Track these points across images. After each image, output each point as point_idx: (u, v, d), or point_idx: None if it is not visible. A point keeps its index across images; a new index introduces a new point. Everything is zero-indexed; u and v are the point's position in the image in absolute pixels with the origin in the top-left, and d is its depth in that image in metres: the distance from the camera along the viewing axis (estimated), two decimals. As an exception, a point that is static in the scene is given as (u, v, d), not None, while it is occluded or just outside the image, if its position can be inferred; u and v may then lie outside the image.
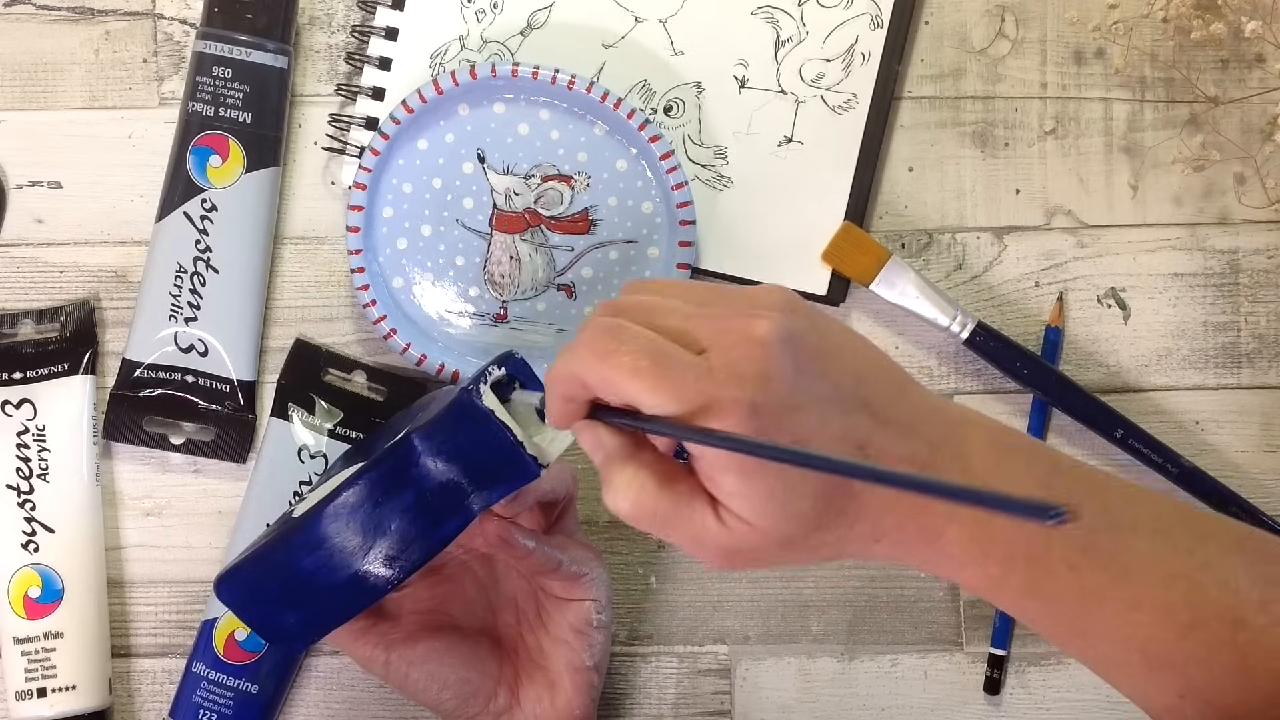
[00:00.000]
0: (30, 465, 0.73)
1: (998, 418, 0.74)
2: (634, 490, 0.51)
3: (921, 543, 0.52)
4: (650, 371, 0.49)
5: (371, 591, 0.61)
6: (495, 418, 0.60)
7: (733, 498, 0.50)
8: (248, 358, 0.75)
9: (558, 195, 0.75)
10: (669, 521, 0.51)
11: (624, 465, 0.52)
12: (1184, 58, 0.77)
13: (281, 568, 0.61)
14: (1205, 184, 0.77)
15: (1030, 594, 0.53)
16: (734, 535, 0.51)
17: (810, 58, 0.75)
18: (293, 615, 0.62)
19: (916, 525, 0.52)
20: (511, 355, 0.62)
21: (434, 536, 0.61)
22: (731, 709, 0.77)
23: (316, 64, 0.77)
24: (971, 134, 0.77)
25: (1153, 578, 0.53)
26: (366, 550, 0.60)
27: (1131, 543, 0.53)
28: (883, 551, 0.53)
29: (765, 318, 0.50)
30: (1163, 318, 0.77)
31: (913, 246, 0.77)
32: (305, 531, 0.61)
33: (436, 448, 0.60)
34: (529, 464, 0.60)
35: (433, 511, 0.60)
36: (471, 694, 0.68)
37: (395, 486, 0.60)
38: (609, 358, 0.50)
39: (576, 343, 0.51)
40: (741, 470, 0.50)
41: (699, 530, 0.51)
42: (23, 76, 0.76)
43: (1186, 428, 0.77)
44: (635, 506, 0.51)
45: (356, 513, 0.60)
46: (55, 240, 0.76)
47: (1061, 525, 0.38)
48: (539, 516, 0.69)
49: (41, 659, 0.72)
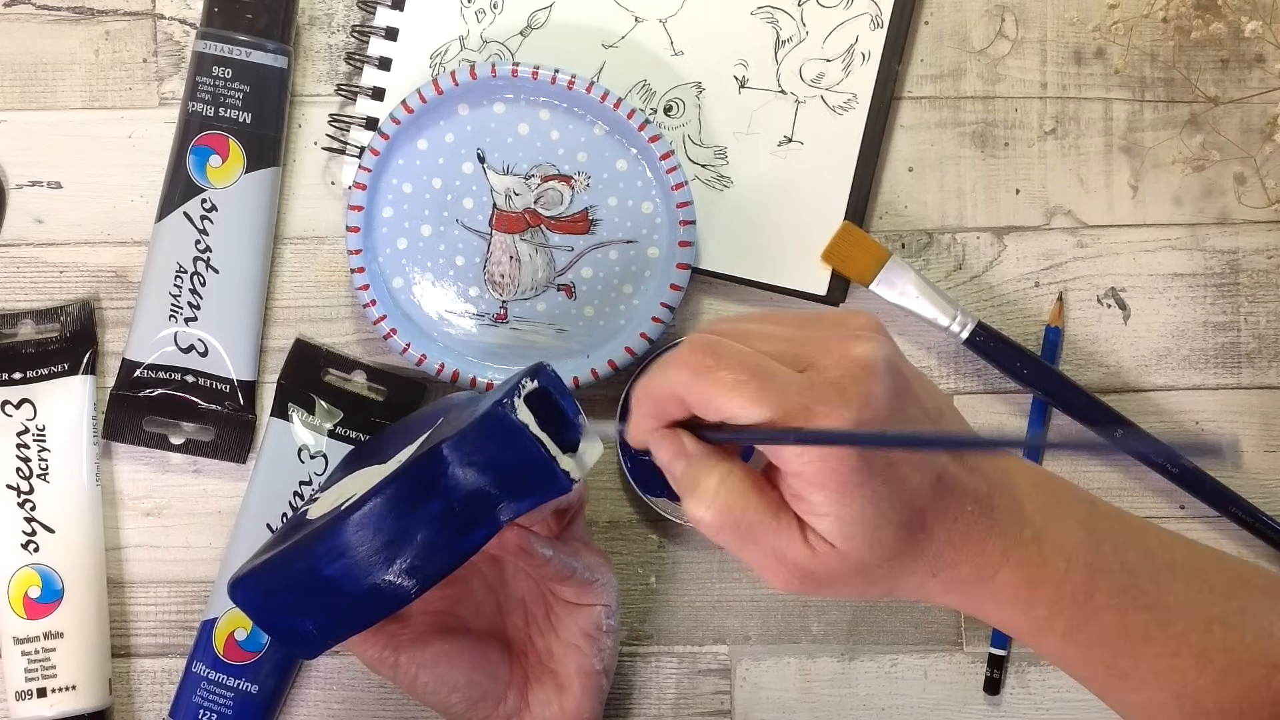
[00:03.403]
0: (30, 465, 0.73)
1: (997, 418, 0.76)
2: (723, 496, 0.51)
3: (975, 582, 0.53)
4: (752, 385, 0.49)
5: (393, 600, 0.60)
6: (529, 432, 0.59)
7: (823, 518, 0.50)
8: (248, 358, 0.75)
9: (558, 195, 0.75)
10: (753, 532, 0.51)
11: (712, 470, 0.51)
12: (1184, 58, 0.77)
13: (303, 574, 0.61)
14: (1205, 184, 0.77)
15: (1072, 637, 0.54)
16: (816, 557, 0.51)
17: (810, 58, 0.75)
18: (311, 621, 0.61)
19: (973, 564, 0.53)
20: (543, 367, 0.62)
21: (460, 547, 0.60)
22: (732, 709, 0.77)
23: (316, 64, 0.77)
24: (971, 134, 0.77)
25: (1191, 621, 0.54)
26: (391, 559, 0.60)
27: (1171, 585, 0.54)
28: (935, 589, 0.53)
29: (865, 340, 0.51)
30: (1162, 318, 0.77)
31: (913, 246, 0.77)
32: (328, 539, 0.60)
33: (467, 459, 0.59)
34: (561, 479, 0.59)
35: (459, 522, 0.60)
36: (481, 697, 0.68)
37: (423, 496, 0.59)
38: (708, 373, 0.50)
39: (672, 359, 0.52)
40: (839, 489, 0.50)
41: (782, 546, 0.51)
42: (23, 76, 0.76)
43: (1186, 428, 0.77)
44: (722, 513, 0.51)
45: (383, 521, 0.60)
46: (55, 240, 0.76)
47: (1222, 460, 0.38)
48: (551, 523, 0.69)
49: (41, 659, 0.72)
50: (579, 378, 0.74)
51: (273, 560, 0.62)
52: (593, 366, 0.74)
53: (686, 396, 0.51)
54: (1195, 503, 0.76)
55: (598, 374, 0.74)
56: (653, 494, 0.75)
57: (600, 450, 0.61)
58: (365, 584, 0.60)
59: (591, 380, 0.74)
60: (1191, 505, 0.77)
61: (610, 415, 0.76)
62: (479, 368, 0.75)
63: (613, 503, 0.77)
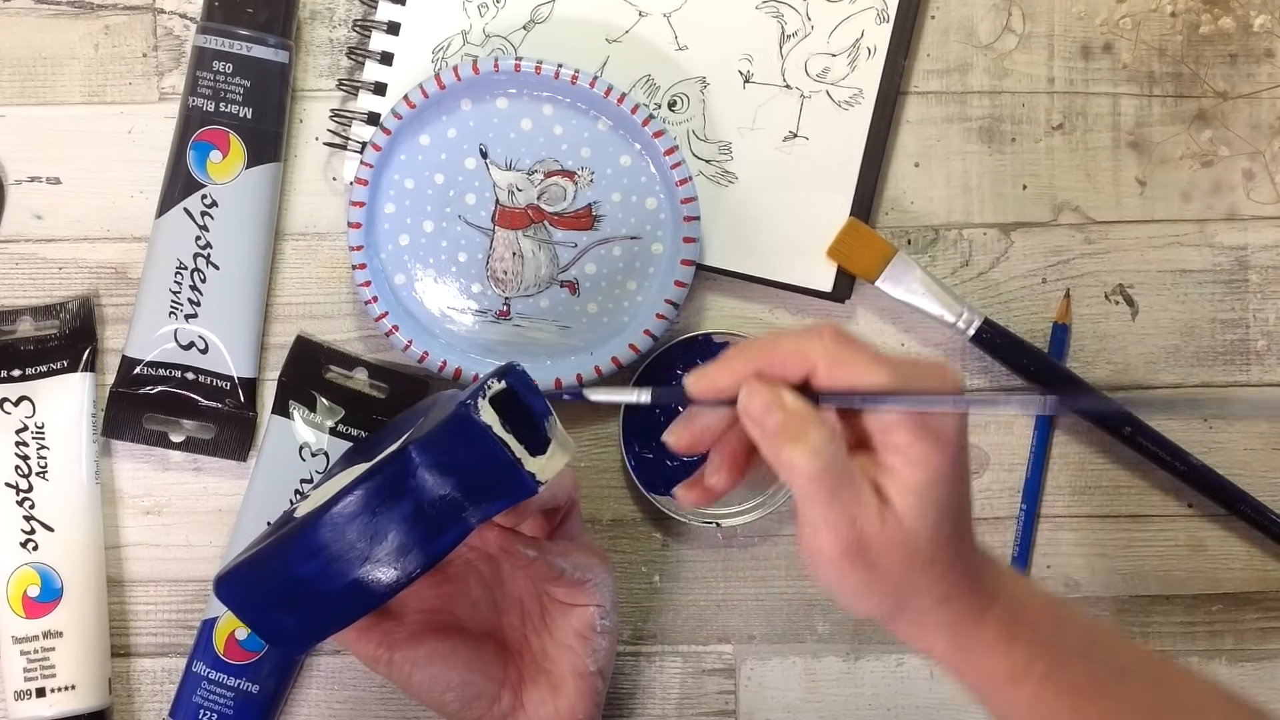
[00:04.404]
0: (29, 463, 0.73)
1: (1005, 416, 0.76)
2: (829, 449, 0.54)
3: (969, 619, 0.57)
4: (884, 360, 0.55)
5: (370, 599, 0.60)
6: (492, 433, 0.59)
7: (907, 495, 0.54)
8: (248, 355, 0.74)
9: (561, 191, 0.74)
10: (840, 489, 0.54)
11: (821, 424, 0.54)
12: (1192, 52, 0.77)
13: (279, 572, 0.61)
14: (1214, 180, 0.77)
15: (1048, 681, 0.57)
16: (883, 530, 0.54)
17: (815, 52, 0.75)
18: (291, 619, 0.62)
19: (971, 599, 0.57)
20: (513, 367, 0.61)
21: (432, 547, 0.60)
22: (736, 709, 0.77)
23: (318, 59, 0.76)
24: (978, 129, 0.77)
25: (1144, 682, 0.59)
26: (364, 558, 0.60)
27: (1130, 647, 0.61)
28: (934, 620, 0.57)
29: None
30: (1170, 314, 0.77)
31: (919, 243, 0.77)
32: (302, 537, 0.60)
33: (433, 460, 0.59)
34: (526, 481, 0.59)
35: (431, 522, 0.60)
36: (475, 696, 0.68)
37: (393, 496, 0.59)
38: (852, 342, 0.55)
39: (801, 330, 0.56)
40: (935, 475, 0.54)
41: (857, 511, 0.54)
42: (22, 71, 0.76)
43: (1194, 426, 0.77)
44: (825, 464, 0.54)
45: (354, 521, 0.60)
46: (54, 236, 0.76)
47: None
48: (542, 522, 0.69)
49: (40, 658, 0.72)
50: (582, 375, 0.74)
51: (253, 558, 0.62)
52: (596, 363, 0.74)
53: (823, 357, 0.55)
54: (1204, 501, 0.76)
55: (601, 371, 0.74)
56: (656, 491, 0.75)
57: (570, 452, 0.61)
58: (341, 582, 0.60)
59: (595, 377, 0.74)
60: (1200, 504, 0.77)
61: (612, 413, 0.75)
62: (481, 365, 0.74)
63: (616, 500, 0.77)
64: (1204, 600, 0.77)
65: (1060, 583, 0.77)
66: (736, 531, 0.76)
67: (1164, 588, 0.77)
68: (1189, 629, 0.77)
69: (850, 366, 0.55)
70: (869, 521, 0.54)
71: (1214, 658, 0.77)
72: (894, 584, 0.55)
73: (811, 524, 0.55)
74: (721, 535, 0.77)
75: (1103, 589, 0.77)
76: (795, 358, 0.56)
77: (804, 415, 0.55)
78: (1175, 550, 0.77)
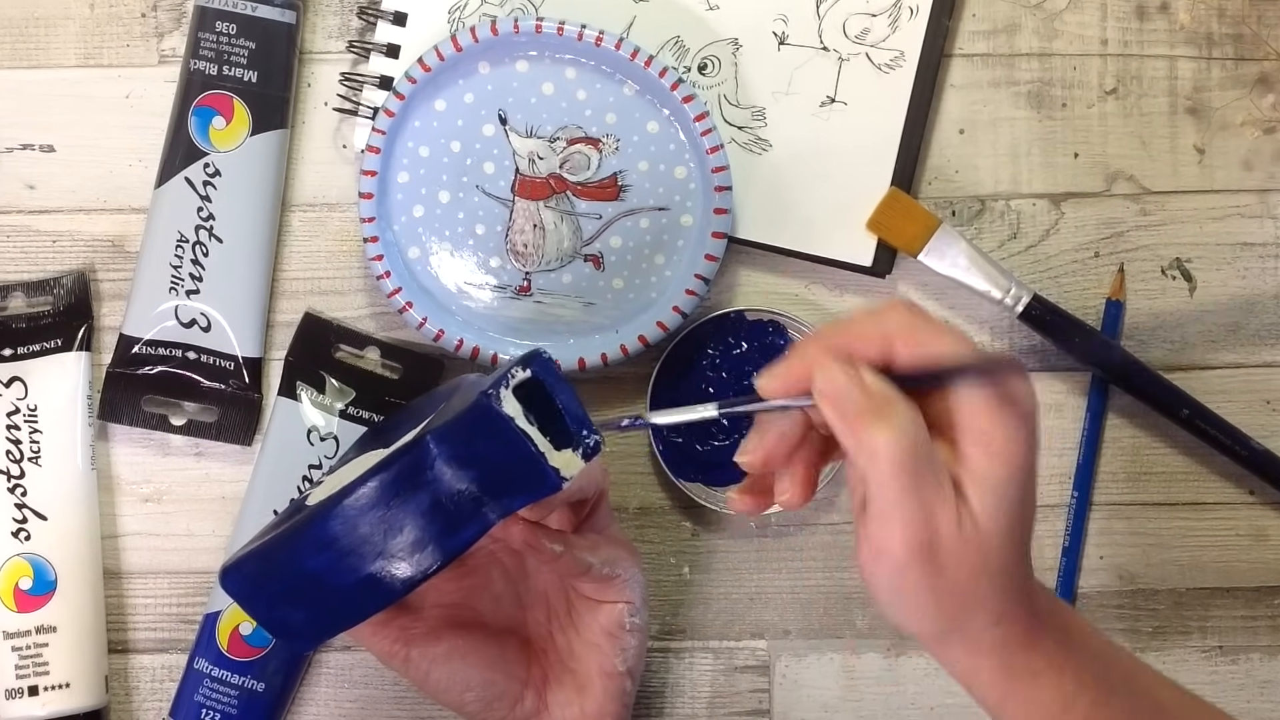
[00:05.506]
0: (21, 448, 0.72)
1: (1055, 397, 0.76)
2: (915, 432, 0.52)
3: (1020, 645, 0.55)
4: (963, 339, 0.54)
5: (383, 595, 0.60)
6: (515, 425, 0.58)
7: (987, 492, 0.53)
8: (253, 333, 0.74)
9: (584, 159, 0.73)
10: (923, 479, 0.52)
11: (907, 406, 0.53)
12: (1254, 12, 0.76)
13: (288, 565, 0.61)
14: (1276, 147, 0.76)
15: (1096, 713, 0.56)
16: (958, 531, 0.52)
17: (855, 12, 0.74)
18: (300, 614, 0.61)
19: (1022, 625, 0.55)
20: (538, 354, 0.60)
21: (449, 543, 0.59)
22: (770, 708, 0.76)
23: (327, 19, 0.75)
24: (1027, 94, 0.76)
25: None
26: (378, 553, 0.59)
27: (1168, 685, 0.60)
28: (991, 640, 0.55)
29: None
30: (1231, 290, 0.76)
31: (964, 214, 0.76)
32: (313, 530, 0.60)
33: (452, 452, 0.58)
34: (550, 476, 0.58)
35: (448, 517, 0.59)
36: (497, 697, 0.67)
37: (409, 489, 0.59)
38: (932, 321, 0.54)
39: (877, 308, 0.55)
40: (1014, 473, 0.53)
41: (936, 507, 0.52)
42: (13, 32, 0.75)
43: (1256, 408, 0.76)
44: (911, 446, 0.52)
45: (368, 514, 0.59)
46: (48, 207, 0.75)
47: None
48: (569, 514, 0.68)
49: (33, 655, 0.71)
50: (608, 354, 0.73)
51: (262, 548, 0.61)
52: (622, 342, 0.73)
53: (901, 330, 0.54)
54: (1266, 488, 0.76)
55: (627, 350, 0.73)
56: (686, 478, 0.74)
57: (599, 446, 0.60)
58: (353, 578, 0.59)
59: (621, 357, 0.73)
60: (1262, 491, 0.76)
61: (640, 395, 0.74)
62: (500, 343, 0.73)
63: (643, 488, 0.76)
64: (1267, 593, 0.76)
65: (1114, 574, 0.76)
66: (771, 520, 0.76)
67: (1224, 580, 0.76)
68: (1250, 623, 0.76)
69: (932, 340, 0.54)
70: (946, 520, 0.53)
71: (1276, 654, 0.76)
72: (959, 596, 0.53)
73: (884, 516, 0.52)
74: (755, 524, 0.76)
75: (1158, 581, 0.76)
76: (870, 336, 0.55)
77: (887, 393, 0.53)
78: (1236, 540, 0.76)
